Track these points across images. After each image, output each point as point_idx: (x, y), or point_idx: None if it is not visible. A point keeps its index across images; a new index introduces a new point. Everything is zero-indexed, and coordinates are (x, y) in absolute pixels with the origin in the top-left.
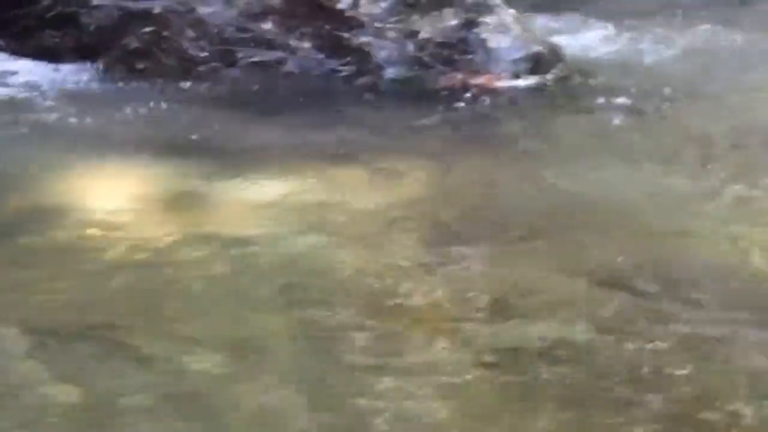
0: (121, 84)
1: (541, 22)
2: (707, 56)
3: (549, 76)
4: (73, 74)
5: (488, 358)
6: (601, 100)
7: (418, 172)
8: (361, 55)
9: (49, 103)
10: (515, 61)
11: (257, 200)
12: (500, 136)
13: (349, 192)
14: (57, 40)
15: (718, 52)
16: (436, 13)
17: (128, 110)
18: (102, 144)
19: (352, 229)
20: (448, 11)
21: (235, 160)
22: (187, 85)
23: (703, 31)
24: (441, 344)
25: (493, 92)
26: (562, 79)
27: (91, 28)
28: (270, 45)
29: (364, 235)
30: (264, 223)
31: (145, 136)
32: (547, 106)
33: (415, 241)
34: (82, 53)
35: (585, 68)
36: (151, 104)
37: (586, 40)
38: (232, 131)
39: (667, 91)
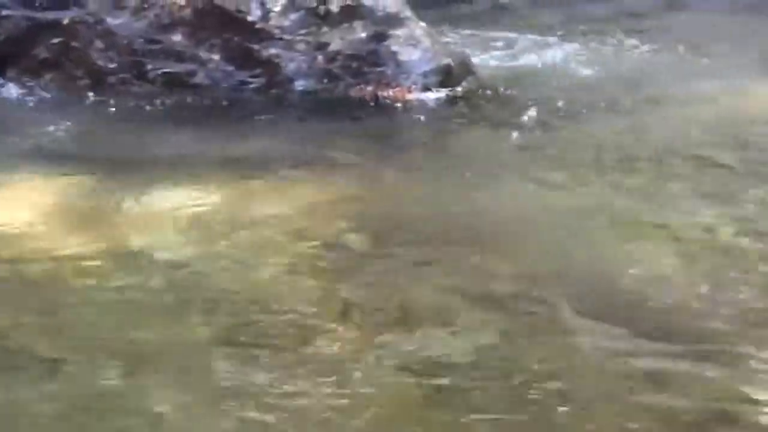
0: (29, 95)
1: (453, 35)
2: (618, 69)
3: (459, 89)
4: None
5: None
6: (509, 113)
7: (327, 183)
8: (271, 67)
9: None
10: (425, 74)
11: (165, 212)
12: (409, 149)
13: (257, 203)
14: None
15: (629, 64)
16: (346, 25)
17: (36, 121)
18: (6, 155)
19: (258, 240)
20: (358, 24)
21: (143, 171)
22: (96, 96)
23: (614, 44)
24: (344, 354)
25: (403, 104)
26: (472, 92)
27: (0, 38)
28: (180, 57)
29: (269, 246)
30: (170, 235)
31: (53, 147)
32: (456, 118)
33: (318, 253)
34: None
35: (495, 81)
36: (60, 115)
37: (497, 53)
38: (140, 142)
39: (576, 104)
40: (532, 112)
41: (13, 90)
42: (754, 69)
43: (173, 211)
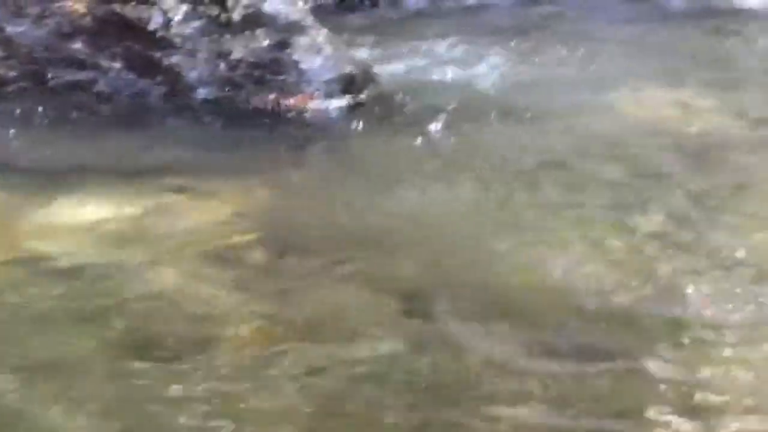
0: None
1: (355, 44)
2: (519, 78)
3: (361, 97)
4: None
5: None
6: (410, 121)
7: (230, 191)
8: (173, 75)
9: None
10: (327, 82)
11: (65, 222)
12: (310, 157)
13: (160, 212)
14: None
15: (529, 73)
16: (248, 33)
17: None
18: None
19: (165, 251)
20: (260, 32)
21: (44, 181)
22: None
23: (517, 54)
24: (256, 364)
25: (305, 112)
26: (374, 100)
27: None
28: (81, 65)
29: (177, 256)
30: (71, 245)
31: None
32: (358, 126)
33: (228, 262)
34: None
35: (397, 90)
36: None
37: (400, 62)
38: (41, 152)
39: (475, 112)
40: (436, 120)
41: None
42: (652, 77)
43: (73, 221)
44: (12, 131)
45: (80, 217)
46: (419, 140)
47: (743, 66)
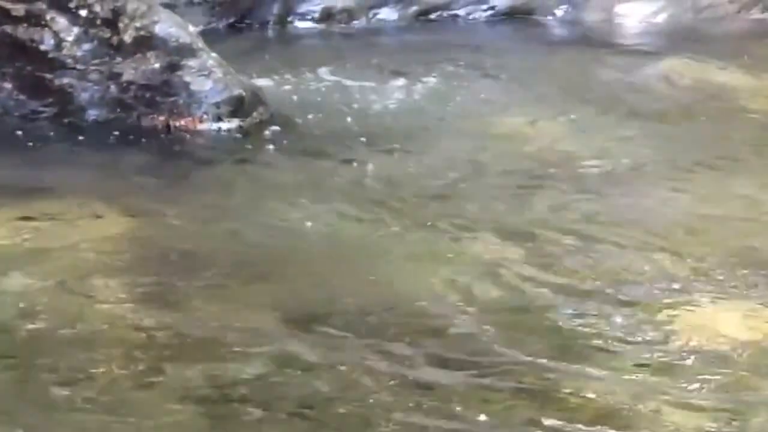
0: None
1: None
2: (413, 102)
3: (251, 119)
4: None
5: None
6: (299, 144)
7: (117, 214)
8: (63, 96)
9: None
10: (217, 104)
11: None
12: (198, 178)
13: (48, 234)
14: None
15: (425, 97)
16: (139, 55)
17: None
18: None
19: (53, 271)
20: (151, 54)
21: None
22: None
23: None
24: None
25: (194, 134)
26: (264, 123)
27: None
28: None
29: (65, 277)
30: None
31: None
32: (247, 148)
33: (117, 283)
34: None
35: (287, 112)
36: None
37: (290, 85)
38: None
39: (366, 137)
40: (322, 143)
41: None
42: (551, 103)
43: None
44: None
45: None
46: (306, 163)
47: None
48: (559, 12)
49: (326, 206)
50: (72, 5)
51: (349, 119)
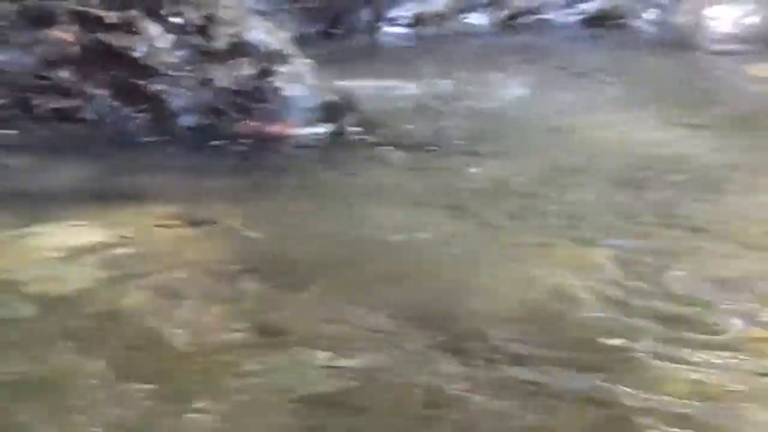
0: None
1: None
2: (504, 106)
3: (342, 125)
4: None
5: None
6: (392, 148)
7: (215, 218)
8: (157, 102)
9: None
10: (308, 110)
11: (52, 246)
12: (292, 184)
13: (144, 238)
14: None
15: (514, 101)
16: (231, 62)
17: None
18: None
19: (147, 275)
20: (243, 60)
21: (30, 207)
22: None
23: (501, 81)
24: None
25: (286, 140)
26: (355, 128)
27: None
28: (67, 92)
29: (158, 281)
30: (60, 270)
31: None
32: (338, 154)
33: (213, 283)
34: None
35: (378, 117)
36: None
37: (381, 90)
38: (28, 178)
39: (459, 141)
40: (415, 148)
41: None
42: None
43: (60, 247)
44: None
45: (66, 244)
46: (400, 168)
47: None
48: (649, 15)
49: (421, 210)
50: (165, 13)
51: (441, 123)
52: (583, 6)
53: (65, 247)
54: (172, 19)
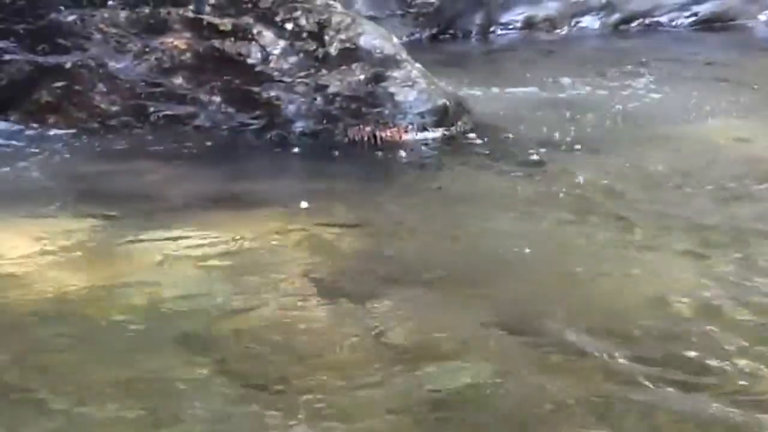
0: (33, 137)
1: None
2: (620, 108)
3: (455, 129)
4: None
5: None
6: (505, 152)
7: (334, 223)
8: (271, 108)
9: None
10: (422, 114)
11: (176, 252)
12: (406, 188)
13: (266, 243)
14: None
15: (631, 104)
16: (344, 67)
17: (40, 165)
18: (14, 198)
19: (270, 282)
20: (356, 66)
21: (150, 213)
22: (99, 138)
23: (615, 85)
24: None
25: (400, 144)
26: (468, 131)
27: (3, 82)
28: (181, 99)
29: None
30: (183, 275)
31: (59, 190)
32: (453, 157)
33: (336, 289)
34: None
35: (491, 121)
36: (64, 158)
37: (493, 93)
38: (146, 184)
39: (572, 144)
40: (528, 151)
41: (16, 133)
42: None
43: (176, 252)
44: (115, 164)
45: (180, 248)
46: (513, 172)
47: None
48: (763, 17)
49: (533, 214)
50: (278, 19)
51: (554, 127)
52: (696, 8)
53: (190, 251)
54: (285, 25)
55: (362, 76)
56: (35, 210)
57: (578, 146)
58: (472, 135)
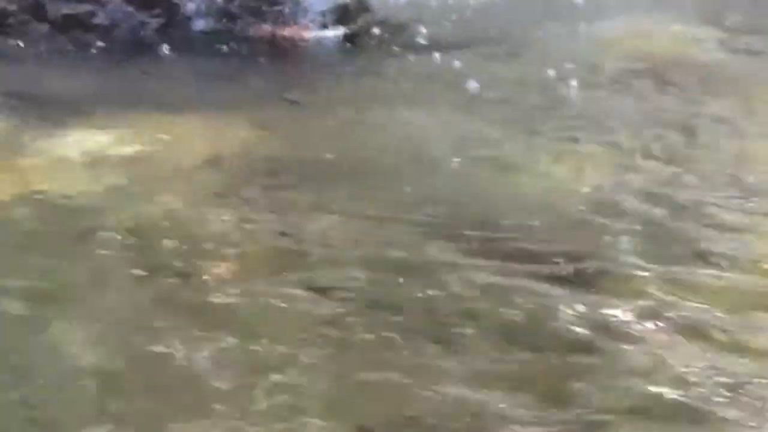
0: None
1: None
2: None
3: (356, 26)
4: None
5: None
6: (405, 49)
7: (234, 122)
8: (170, 7)
9: None
10: (323, 12)
11: (76, 153)
12: (308, 85)
13: (169, 143)
14: None
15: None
16: None
17: None
18: None
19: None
20: None
21: (48, 113)
22: None
23: None
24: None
25: (300, 42)
26: (369, 29)
27: None
28: None
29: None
30: (81, 177)
31: None
32: (353, 55)
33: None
34: None
35: (392, 18)
36: None
37: None
38: (44, 85)
39: (468, 40)
40: (429, 49)
41: None
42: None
43: (72, 154)
44: (12, 64)
45: (79, 150)
46: (414, 68)
47: None
48: None
49: (436, 111)
50: None
51: (453, 22)
52: None
53: (78, 153)
54: None
55: None
56: None
57: (486, 44)
58: (374, 32)
